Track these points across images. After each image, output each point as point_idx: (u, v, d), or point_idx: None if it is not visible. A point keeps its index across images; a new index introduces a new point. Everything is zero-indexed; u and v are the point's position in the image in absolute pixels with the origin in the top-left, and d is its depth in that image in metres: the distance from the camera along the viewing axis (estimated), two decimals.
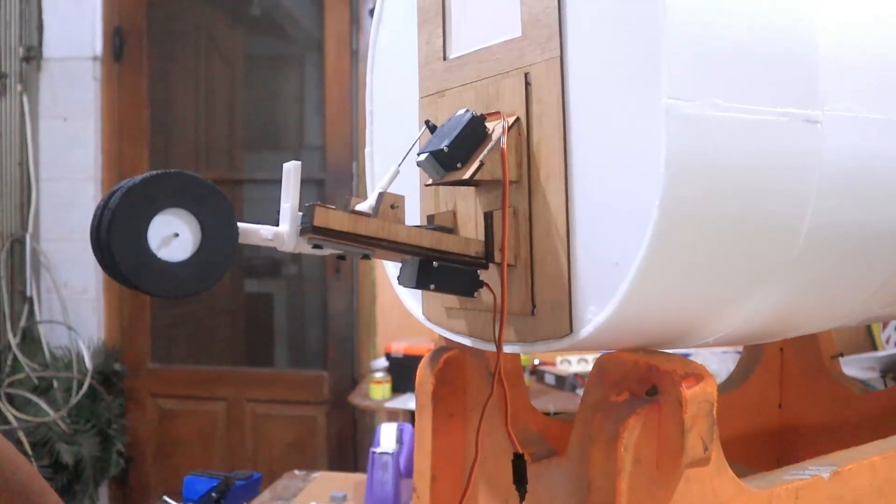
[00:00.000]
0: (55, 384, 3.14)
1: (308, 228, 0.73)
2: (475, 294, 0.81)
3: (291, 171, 0.75)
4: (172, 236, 0.67)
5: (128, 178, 0.67)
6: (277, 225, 0.75)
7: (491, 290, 0.80)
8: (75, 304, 3.35)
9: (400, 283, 0.85)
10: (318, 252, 0.77)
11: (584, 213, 0.77)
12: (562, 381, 2.76)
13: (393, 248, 0.78)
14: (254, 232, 0.74)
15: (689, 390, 0.73)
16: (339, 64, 3.33)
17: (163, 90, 3.55)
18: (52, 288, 3.36)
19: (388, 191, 0.80)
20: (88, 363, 3.20)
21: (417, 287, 0.79)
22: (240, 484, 1.37)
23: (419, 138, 0.89)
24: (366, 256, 0.80)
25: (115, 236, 0.64)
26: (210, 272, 0.68)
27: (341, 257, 0.83)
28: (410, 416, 2.62)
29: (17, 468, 1.08)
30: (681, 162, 0.69)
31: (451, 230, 0.88)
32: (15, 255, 3.28)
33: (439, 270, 0.79)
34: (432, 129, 0.87)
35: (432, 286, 0.79)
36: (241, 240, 0.72)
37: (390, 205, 0.77)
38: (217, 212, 0.68)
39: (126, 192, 0.65)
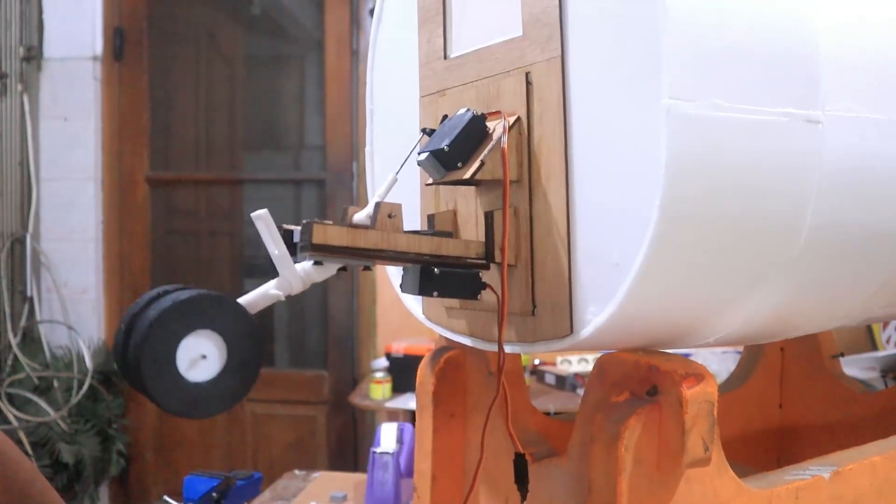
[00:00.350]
0: (55, 384, 3.13)
1: (308, 247, 0.73)
2: (478, 296, 0.81)
3: (263, 221, 0.74)
4: (200, 358, 0.67)
5: (150, 294, 0.67)
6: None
7: (494, 291, 0.80)
8: (75, 303, 3.35)
9: (403, 292, 0.85)
10: (322, 274, 0.77)
11: (585, 213, 0.77)
12: (562, 381, 2.76)
13: (394, 258, 0.78)
14: (261, 298, 0.74)
15: (690, 390, 0.73)
16: (339, 64, 3.33)
17: (163, 90, 3.55)
18: (53, 288, 3.36)
19: (385, 199, 0.79)
20: (89, 363, 3.20)
21: (421, 294, 0.79)
22: (240, 484, 1.37)
23: (417, 144, 0.89)
24: (367, 268, 0.80)
25: (146, 365, 0.65)
26: (238, 390, 0.70)
27: (342, 269, 0.83)
28: (411, 416, 2.62)
29: (20, 468, 1.08)
30: (681, 162, 0.69)
31: (451, 234, 0.88)
32: (15, 255, 3.28)
33: (441, 276, 0.79)
34: (430, 134, 0.87)
35: (435, 293, 0.79)
36: (252, 310, 0.72)
37: (387, 214, 0.77)
38: (241, 329, 0.69)
39: (153, 321, 0.64)
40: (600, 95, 0.75)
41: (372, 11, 1.45)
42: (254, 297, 0.73)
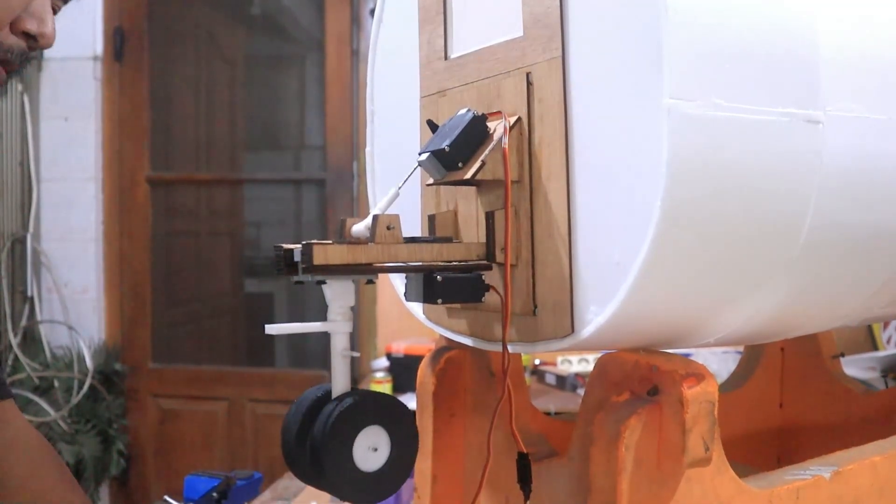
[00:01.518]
0: (56, 384, 3.14)
1: (310, 268, 0.73)
2: (483, 299, 0.81)
3: (277, 329, 0.79)
4: (372, 450, 0.76)
5: (313, 392, 0.78)
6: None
7: (497, 292, 0.80)
8: (76, 303, 3.36)
9: (408, 300, 0.85)
10: (348, 296, 0.80)
11: (586, 213, 0.77)
12: (562, 381, 2.76)
13: (396, 269, 0.78)
14: (344, 363, 0.79)
15: (690, 390, 0.73)
16: (339, 64, 3.33)
17: (163, 90, 3.55)
18: (53, 288, 3.36)
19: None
20: (89, 363, 3.20)
21: (425, 302, 0.80)
22: (240, 484, 1.37)
23: (419, 164, 0.88)
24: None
25: (328, 456, 0.73)
26: (398, 477, 0.78)
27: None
28: None
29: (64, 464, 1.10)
30: (682, 162, 0.69)
31: (451, 238, 0.88)
32: (16, 255, 3.28)
33: (445, 283, 0.79)
34: (433, 127, 0.86)
35: (440, 300, 0.79)
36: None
37: (386, 226, 0.77)
38: (405, 427, 0.78)
39: (337, 416, 0.73)
40: (601, 95, 0.75)
41: (372, 11, 1.45)
42: (345, 370, 0.79)
